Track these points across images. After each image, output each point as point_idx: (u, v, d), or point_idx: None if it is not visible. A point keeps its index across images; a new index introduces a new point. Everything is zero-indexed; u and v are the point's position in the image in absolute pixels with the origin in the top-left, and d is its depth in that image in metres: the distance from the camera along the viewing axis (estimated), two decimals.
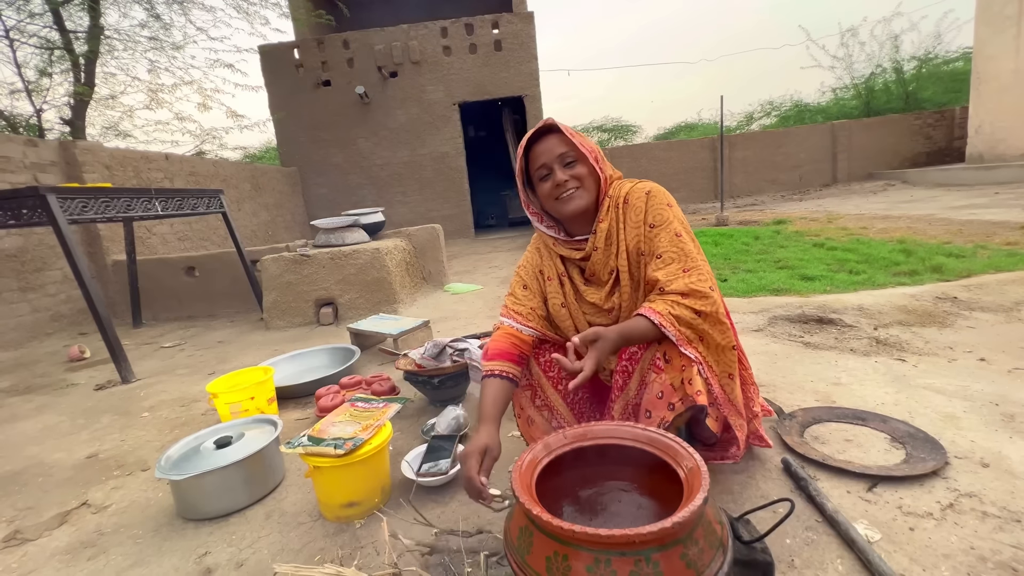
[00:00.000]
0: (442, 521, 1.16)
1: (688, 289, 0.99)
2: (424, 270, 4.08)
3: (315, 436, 1.22)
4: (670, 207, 1.10)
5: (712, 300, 0.99)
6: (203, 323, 3.90)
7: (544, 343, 1.21)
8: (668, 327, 0.95)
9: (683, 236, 1.06)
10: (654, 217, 1.09)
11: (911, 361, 1.77)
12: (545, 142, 1.12)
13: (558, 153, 1.11)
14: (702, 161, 10.97)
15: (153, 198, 3.00)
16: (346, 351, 2.35)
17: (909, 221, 5.06)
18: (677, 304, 0.98)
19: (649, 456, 0.72)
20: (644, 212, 1.10)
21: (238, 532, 1.21)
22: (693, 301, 0.98)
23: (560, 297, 1.18)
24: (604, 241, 1.12)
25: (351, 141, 8.38)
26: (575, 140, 1.11)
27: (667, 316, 0.96)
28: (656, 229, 1.08)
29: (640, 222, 1.10)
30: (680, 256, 1.04)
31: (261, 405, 1.78)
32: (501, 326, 1.19)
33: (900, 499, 1.04)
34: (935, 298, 2.40)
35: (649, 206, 1.10)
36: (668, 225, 1.07)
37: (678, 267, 1.03)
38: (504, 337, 1.16)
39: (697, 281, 1.00)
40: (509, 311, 1.20)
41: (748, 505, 1.08)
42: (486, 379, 1.10)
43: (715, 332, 1.00)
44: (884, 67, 14.32)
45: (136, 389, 2.40)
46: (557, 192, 1.11)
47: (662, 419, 0.97)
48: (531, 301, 1.20)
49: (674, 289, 1.00)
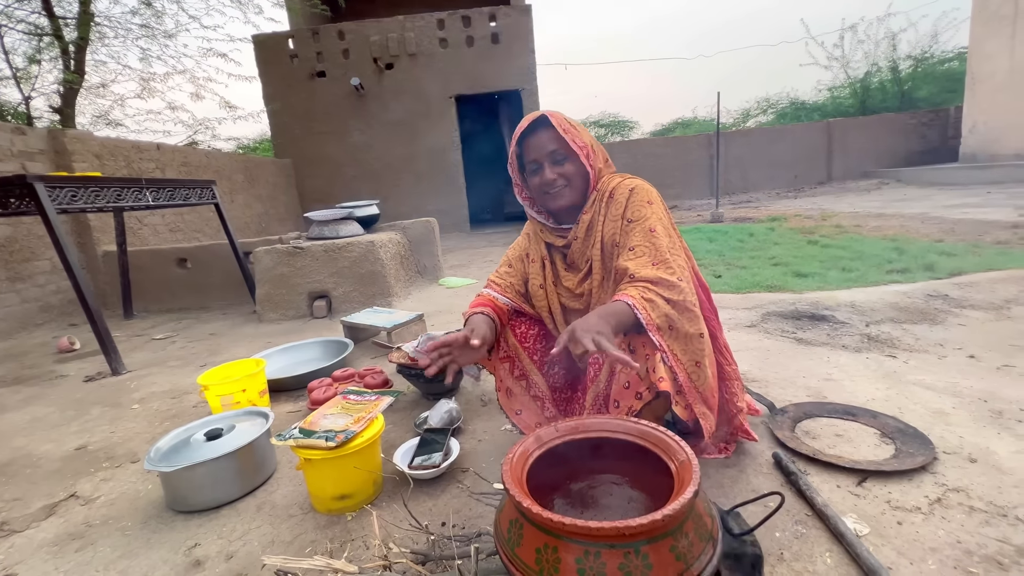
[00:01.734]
0: (434, 513, 1.16)
1: (656, 278, 1.01)
2: (419, 264, 4.06)
3: (306, 428, 1.22)
4: (650, 204, 1.14)
5: (680, 289, 1.01)
6: (195, 315, 3.86)
7: (520, 315, 1.32)
8: (640, 310, 0.96)
9: (657, 232, 1.09)
10: (632, 213, 1.13)
11: (902, 357, 1.79)
12: (537, 136, 1.17)
13: (548, 150, 1.16)
14: (698, 158, 10.98)
15: (144, 188, 2.97)
16: (339, 344, 2.34)
17: (902, 219, 5.10)
18: (648, 290, 1.00)
19: (640, 449, 0.72)
20: (624, 207, 1.14)
21: (228, 524, 1.20)
22: (662, 289, 1.00)
23: (540, 279, 1.27)
24: (585, 232, 1.19)
25: (346, 133, 8.31)
26: (567, 137, 1.15)
27: (639, 300, 0.97)
28: (632, 224, 1.12)
29: (619, 216, 1.14)
30: (651, 250, 1.07)
31: (252, 397, 1.77)
32: (481, 293, 1.32)
33: (889, 493, 1.05)
34: (926, 295, 2.42)
35: (630, 202, 1.14)
36: (644, 221, 1.10)
37: (648, 259, 1.06)
38: (484, 299, 1.29)
39: (666, 272, 1.03)
40: (491, 283, 1.33)
41: (739, 499, 1.08)
42: (472, 316, 1.22)
43: (684, 319, 1.01)
44: (880, 66, 14.38)
45: (126, 381, 2.38)
46: (545, 188, 1.18)
47: (630, 408, 1.00)
48: (512, 278, 1.31)
49: (643, 276, 1.02)
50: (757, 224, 5.80)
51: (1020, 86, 8.35)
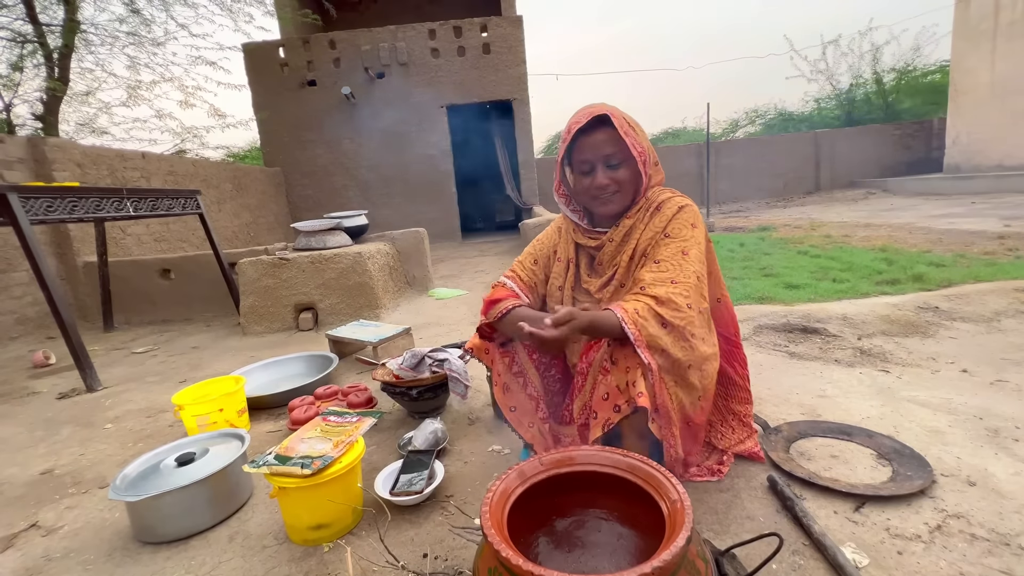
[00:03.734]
0: (416, 543, 1.10)
1: (666, 297, 0.98)
2: (408, 275, 4.01)
3: (282, 454, 1.16)
4: (694, 227, 1.10)
5: (685, 316, 0.97)
6: (178, 327, 3.77)
7: None
8: (629, 324, 0.93)
9: (689, 255, 1.05)
10: (673, 228, 1.09)
11: (895, 372, 1.77)
12: (594, 136, 1.09)
13: (605, 153, 1.09)
14: (688, 167, 11.08)
15: (125, 198, 2.89)
16: (323, 359, 2.28)
17: (890, 229, 5.14)
18: (649, 309, 0.96)
19: (630, 485, 0.67)
20: (668, 221, 1.10)
21: (198, 557, 1.14)
22: (665, 310, 0.96)
23: (561, 280, 1.23)
24: (622, 236, 1.14)
25: (336, 142, 8.26)
26: (627, 140, 1.07)
27: (631, 315, 0.94)
28: (668, 240, 1.08)
29: (660, 229, 1.10)
30: (676, 268, 1.03)
31: (231, 417, 1.70)
32: (502, 283, 1.25)
33: (887, 520, 1.01)
34: (917, 308, 2.41)
35: (675, 218, 1.10)
36: (682, 241, 1.07)
37: (668, 276, 1.02)
38: (506, 290, 1.22)
39: (678, 294, 0.99)
40: (515, 274, 1.26)
41: (733, 526, 1.04)
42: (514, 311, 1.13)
43: (675, 347, 0.96)
44: (865, 78, 14.67)
45: (101, 398, 2.29)
46: (594, 192, 1.12)
47: (607, 420, 0.97)
48: (536, 276, 1.26)
49: (652, 293, 0.98)
50: (747, 234, 5.83)
51: (1001, 99, 8.54)
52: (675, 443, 1.02)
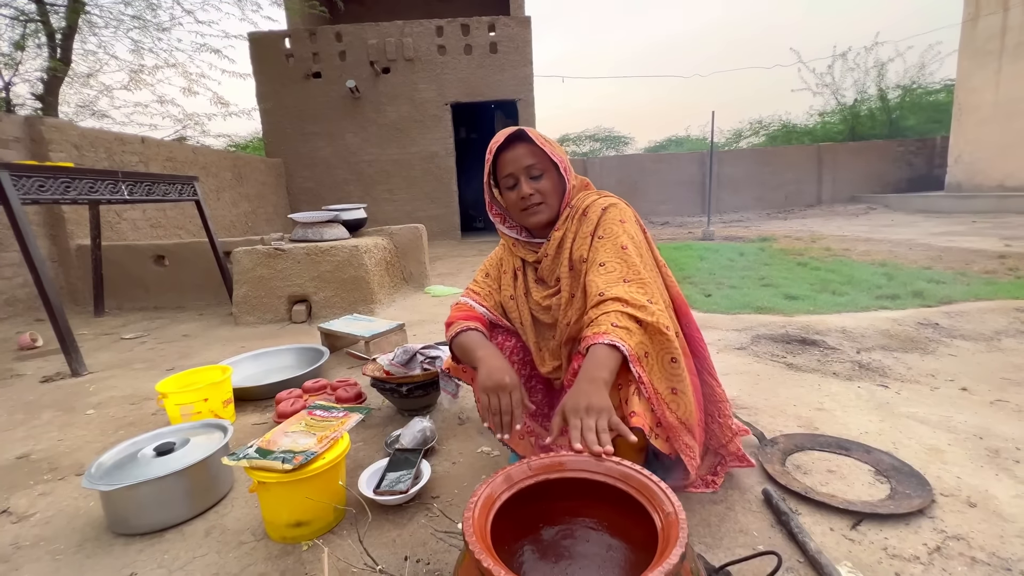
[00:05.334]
0: (398, 544, 1.07)
1: (628, 297, 0.96)
2: (405, 271, 3.97)
3: (263, 448, 1.12)
4: (622, 223, 1.09)
5: (650, 311, 0.95)
6: (170, 315, 3.72)
7: (495, 327, 1.24)
8: (623, 345, 0.89)
9: (628, 249, 1.05)
10: (603, 230, 1.08)
11: (894, 388, 1.74)
12: (514, 150, 1.12)
13: (525, 165, 1.11)
14: (691, 175, 11.07)
15: (120, 181, 2.85)
16: (314, 352, 2.24)
17: (890, 245, 5.13)
18: (620, 315, 0.93)
19: (622, 494, 0.64)
20: (596, 225, 1.10)
21: (172, 551, 1.10)
22: (634, 310, 0.94)
23: (511, 290, 1.22)
24: (555, 249, 1.14)
25: (339, 135, 8.22)
26: (545, 149, 1.11)
27: (614, 333, 0.90)
28: (602, 240, 1.07)
29: (589, 233, 1.09)
30: (622, 266, 1.02)
31: (215, 407, 1.66)
32: (460, 302, 1.24)
33: (885, 539, 0.98)
34: (917, 323, 2.39)
35: (602, 220, 1.10)
36: (615, 238, 1.06)
37: (618, 276, 1.01)
38: (463, 309, 1.21)
39: (636, 292, 0.97)
40: (470, 292, 1.26)
41: (726, 540, 1.01)
42: (466, 333, 1.12)
43: (656, 344, 0.95)
44: (870, 94, 14.71)
45: (85, 383, 2.25)
46: (522, 204, 1.12)
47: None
48: (490, 287, 1.26)
49: (614, 295, 0.96)
50: (747, 244, 5.81)
51: (1005, 119, 8.55)
52: (693, 452, 0.99)
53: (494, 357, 1.04)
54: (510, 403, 0.97)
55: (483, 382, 0.99)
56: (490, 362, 1.02)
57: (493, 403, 0.97)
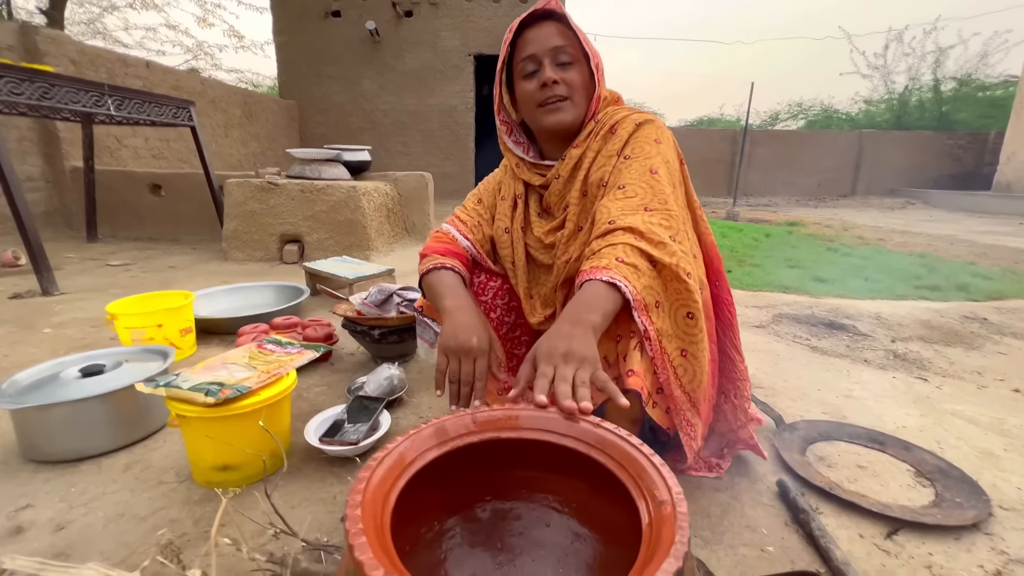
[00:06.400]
0: (339, 502, 0.91)
1: (645, 228, 0.73)
2: (407, 221, 3.77)
3: (190, 376, 0.95)
4: (657, 143, 0.85)
5: (671, 251, 0.73)
6: (163, 247, 3.59)
7: (477, 267, 1.04)
8: (626, 284, 0.68)
9: (659, 174, 0.81)
10: (632, 149, 0.85)
11: (934, 382, 1.52)
12: (541, 28, 0.87)
13: (552, 45, 0.86)
14: (720, 153, 10.53)
15: (106, 95, 2.65)
16: (294, 291, 2.08)
17: (929, 239, 4.76)
18: (629, 249, 0.72)
19: (598, 468, 0.45)
20: (625, 142, 0.86)
21: (81, 483, 0.95)
22: (648, 245, 0.72)
23: (507, 221, 1.00)
24: (570, 170, 0.90)
25: (356, 80, 7.88)
26: (580, 36, 0.87)
27: (617, 270, 0.69)
28: (629, 161, 0.84)
29: (614, 152, 0.86)
30: (647, 191, 0.79)
31: (171, 335, 1.51)
32: (439, 231, 1.02)
33: (929, 555, 0.78)
34: (962, 316, 2.13)
35: (634, 136, 0.86)
36: (646, 159, 0.83)
37: (639, 202, 0.78)
38: (443, 240, 0.99)
39: (657, 225, 0.75)
40: (455, 219, 1.04)
41: (728, 535, 0.82)
42: (438, 272, 0.91)
43: (670, 292, 0.75)
44: (922, 83, 13.76)
45: (53, 303, 2.12)
46: (541, 96, 0.87)
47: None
48: (480, 216, 1.04)
49: (624, 224, 0.74)
50: (774, 227, 5.48)
51: None
52: (695, 432, 0.80)
53: (464, 310, 0.83)
54: (472, 371, 0.77)
55: (445, 341, 0.79)
56: (458, 316, 0.82)
57: (453, 369, 0.78)
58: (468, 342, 0.77)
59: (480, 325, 0.81)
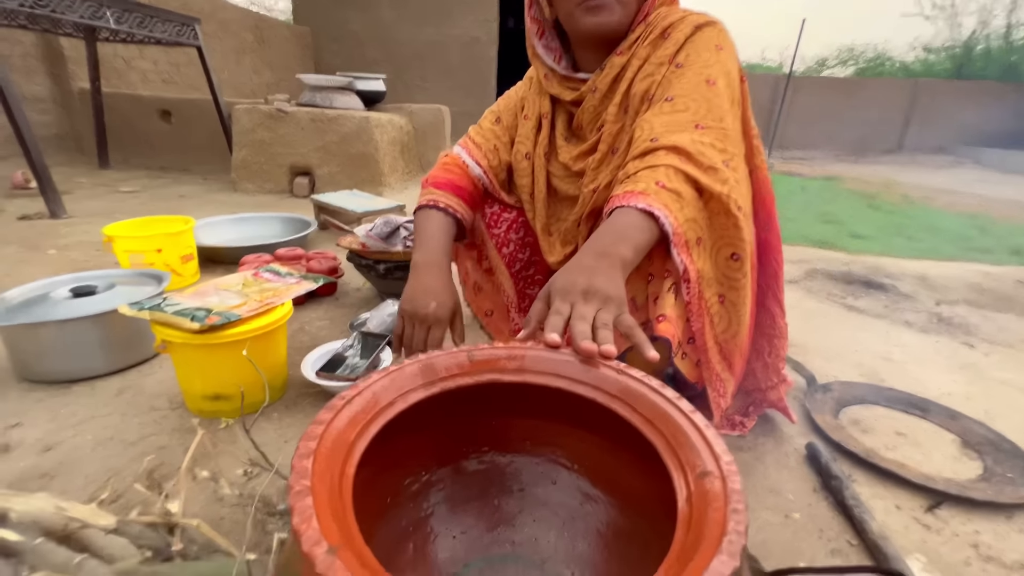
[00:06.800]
0: None
1: (694, 149, 0.61)
2: (423, 157, 3.61)
3: (178, 300, 0.89)
4: (719, 50, 0.69)
5: (723, 177, 0.61)
6: (174, 176, 3.52)
7: (488, 197, 0.92)
8: (667, 215, 0.56)
9: (718, 86, 0.66)
10: (687, 56, 0.69)
11: (981, 348, 1.39)
12: None
13: None
14: (759, 99, 9.79)
15: (104, 5, 2.48)
16: (301, 223, 2.00)
17: (980, 200, 4.43)
18: (673, 172, 0.59)
19: (620, 423, 0.36)
20: (679, 47, 0.70)
21: (72, 405, 0.92)
22: (694, 168, 0.60)
23: (529, 145, 0.85)
24: (609, 83, 0.75)
25: (373, 6, 7.39)
26: None
27: (656, 196, 0.57)
28: (681, 70, 0.68)
29: (665, 60, 0.70)
30: (701, 106, 0.65)
31: (171, 261, 1.45)
32: (448, 156, 0.90)
33: (976, 534, 0.71)
34: (1016, 281, 1.96)
35: (690, 40, 0.70)
36: (704, 67, 0.67)
37: (689, 118, 0.64)
38: (450, 168, 0.87)
39: (709, 146, 0.62)
40: (468, 141, 0.90)
41: (750, 498, 0.75)
42: (427, 211, 0.81)
43: (715, 227, 0.63)
44: (991, 30, 12.43)
45: (60, 225, 2.09)
46: None
47: None
48: (498, 138, 0.89)
49: (669, 143, 0.61)
50: (810, 180, 5.15)
51: None
52: (724, 389, 0.71)
53: (430, 268, 0.73)
54: (425, 341, 0.69)
55: (402, 302, 0.72)
56: (422, 275, 0.72)
57: (407, 334, 0.70)
58: (425, 307, 0.69)
59: (443, 289, 0.72)
